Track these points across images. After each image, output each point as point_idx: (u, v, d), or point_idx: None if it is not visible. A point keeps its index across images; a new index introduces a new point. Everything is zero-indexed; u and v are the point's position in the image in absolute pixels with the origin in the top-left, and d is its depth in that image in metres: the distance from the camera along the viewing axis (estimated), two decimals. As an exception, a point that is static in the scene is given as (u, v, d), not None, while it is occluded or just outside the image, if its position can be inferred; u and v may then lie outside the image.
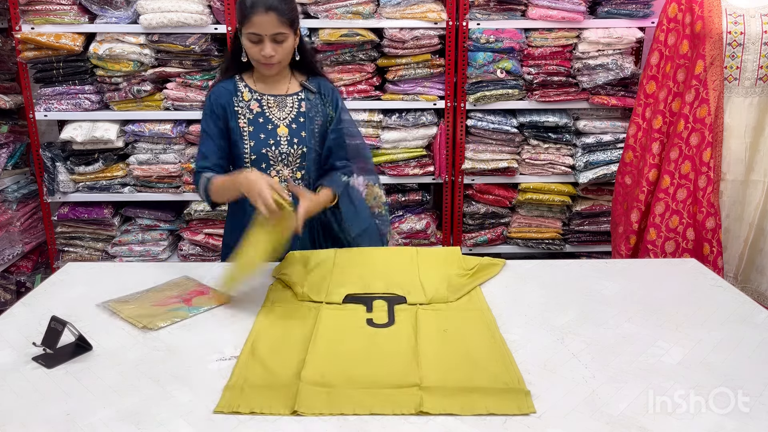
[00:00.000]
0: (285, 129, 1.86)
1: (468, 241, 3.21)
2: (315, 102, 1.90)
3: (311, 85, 1.91)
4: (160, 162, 3.04)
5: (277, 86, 1.89)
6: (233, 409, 1.15)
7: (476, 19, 2.90)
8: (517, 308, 1.55)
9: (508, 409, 1.14)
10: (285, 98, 1.88)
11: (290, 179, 1.85)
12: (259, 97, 1.87)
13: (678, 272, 1.82)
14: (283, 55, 1.78)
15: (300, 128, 1.87)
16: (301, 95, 1.90)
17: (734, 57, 2.25)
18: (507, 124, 3.03)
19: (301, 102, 1.89)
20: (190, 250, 3.16)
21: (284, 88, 1.89)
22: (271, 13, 1.69)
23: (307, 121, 1.88)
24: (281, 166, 1.87)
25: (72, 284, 1.71)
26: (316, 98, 1.90)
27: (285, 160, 1.86)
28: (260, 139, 1.85)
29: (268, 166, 1.86)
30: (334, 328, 1.43)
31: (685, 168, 2.34)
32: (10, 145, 3.07)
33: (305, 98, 1.89)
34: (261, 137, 1.85)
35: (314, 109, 1.90)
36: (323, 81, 1.95)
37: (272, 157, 1.86)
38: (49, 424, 1.11)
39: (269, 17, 1.69)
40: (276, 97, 1.87)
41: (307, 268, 1.73)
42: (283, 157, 1.86)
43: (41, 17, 2.86)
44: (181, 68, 2.94)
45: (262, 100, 1.86)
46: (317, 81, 1.94)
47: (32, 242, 3.21)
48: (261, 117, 1.86)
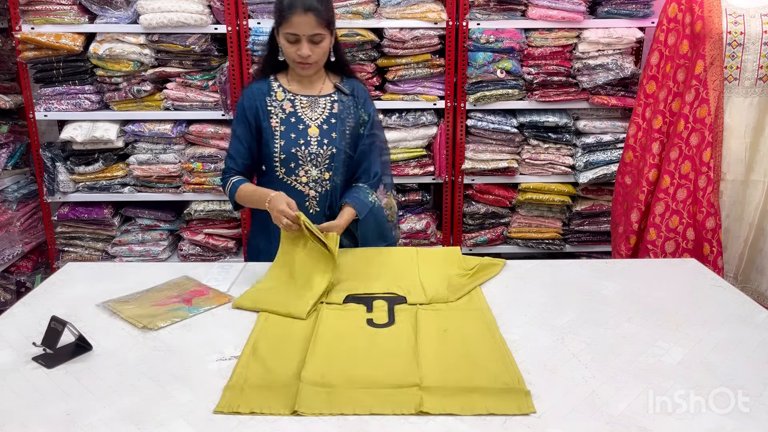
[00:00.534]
0: (316, 129, 1.87)
1: (468, 241, 3.21)
2: (348, 104, 1.91)
3: (345, 87, 1.92)
4: (160, 162, 3.04)
5: (311, 87, 1.91)
6: (233, 409, 1.15)
7: (476, 19, 2.90)
8: (517, 308, 1.55)
9: (508, 409, 1.14)
10: (318, 99, 1.89)
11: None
12: (293, 97, 1.89)
13: (678, 272, 1.82)
14: (319, 56, 1.80)
15: (331, 129, 1.88)
16: (334, 97, 1.91)
17: (734, 57, 2.25)
18: (507, 124, 3.03)
19: (333, 103, 1.90)
20: (190, 250, 3.16)
21: (318, 89, 1.91)
22: (309, 13, 1.71)
23: (338, 123, 1.89)
24: (310, 166, 1.88)
25: (72, 284, 1.71)
26: (349, 100, 1.91)
27: (314, 160, 1.87)
28: (291, 138, 1.87)
29: (297, 165, 1.88)
30: (335, 328, 1.43)
31: (685, 168, 2.34)
32: (10, 145, 3.07)
33: (338, 100, 1.91)
34: (291, 137, 1.87)
35: (346, 111, 1.91)
36: (357, 83, 1.97)
37: (301, 157, 1.87)
38: (49, 424, 1.11)
39: (307, 18, 1.72)
40: (309, 98, 1.89)
41: None
42: (312, 157, 1.87)
43: (41, 17, 2.86)
44: (181, 68, 2.94)
45: (295, 101, 1.88)
46: (351, 83, 1.95)
47: (32, 242, 3.21)
48: (293, 117, 1.87)
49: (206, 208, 3.11)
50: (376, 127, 1.97)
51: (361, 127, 1.93)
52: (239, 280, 1.74)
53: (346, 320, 1.48)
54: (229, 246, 3.17)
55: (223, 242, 3.16)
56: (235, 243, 3.20)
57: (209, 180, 3.04)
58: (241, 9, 2.86)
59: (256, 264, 1.86)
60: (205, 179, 3.04)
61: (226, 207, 3.12)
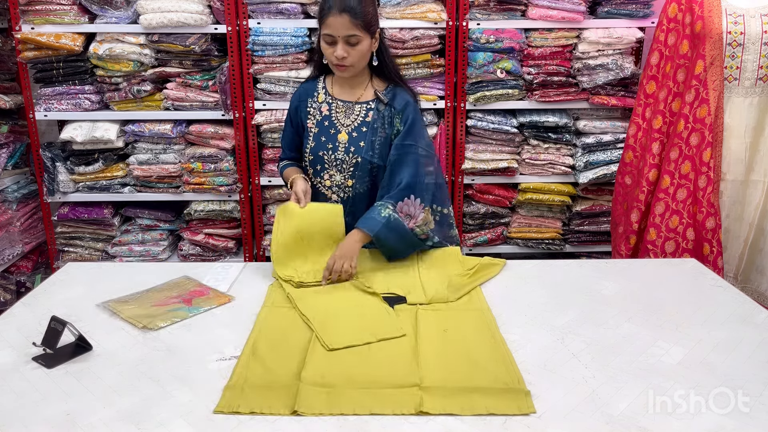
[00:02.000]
0: (345, 136, 1.87)
1: (468, 241, 3.21)
2: (384, 114, 1.86)
3: (386, 96, 1.87)
4: (160, 162, 3.04)
5: (351, 92, 1.90)
6: (233, 409, 1.15)
7: (476, 19, 2.90)
8: (517, 308, 1.56)
9: (508, 409, 1.14)
10: (353, 105, 1.88)
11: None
12: (331, 100, 1.90)
13: (678, 272, 1.82)
14: (356, 58, 1.77)
15: (360, 138, 1.86)
16: (371, 105, 1.88)
17: (734, 57, 2.25)
18: (507, 124, 3.03)
19: (368, 111, 1.87)
20: (190, 250, 3.16)
21: (357, 95, 1.89)
22: (344, 14, 1.71)
23: (369, 132, 1.86)
24: (335, 171, 1.88)
25: (72, 284, 1.71)
26: (386, 110, 1.86)
27: (339, 166, 1.87)
28: (321, 141, 1.89)
29: (323, 168, 1.89)
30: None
31: (685, 168, 2.34)
32: (10, 145, 3.07)
33: (374, 108, 1.87)
34: (322, 140, 1.89)
35: (380, 120, 1.86)
36: (401, 93, 1.89)
37: (327, 161, 1.88)
38: (49, 424, 1.11)
39: (342, 19, 1.71)
40: (345, 103, 1.89)
41: None
42: (337, 162, 1.87)
43: (41, 17, 2.86)
44: (181, 68, 2.94)
45: (332, 104, 1.90)
46: (394, 92, 1.88)
47: (32, 242, 3.21)
48: (327, 120, 1.90)
49: (206, 208, 3.11)
50: (414, 139, 1.85)
51: (395, 137, 1.86)
52: (239, 280, 1.74)
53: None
54: (229, 246, 3.17)
55: (223, 242, 3.16)
56: (235, 243, 3.20)
57: (209, 180, 3.04)
58: (241, 9, 2.86)
59: (257, 264, 1.86)
60: (205, 179, 3.04)
61: (226, 207, 3.12)
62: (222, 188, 3.04)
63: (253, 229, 3.18)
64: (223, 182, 3.04)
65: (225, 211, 3.13)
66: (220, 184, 3.04)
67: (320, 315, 1.48)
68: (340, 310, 1.51)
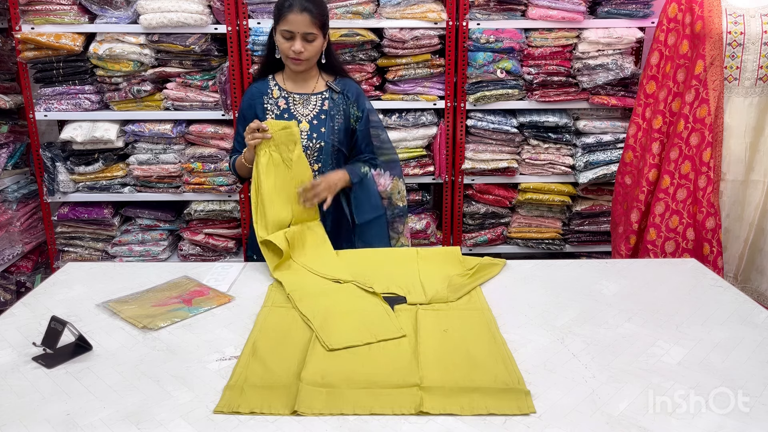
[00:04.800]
0: (306, 125, 2.00)
1: (468, 241, 3.21)
2: (338, 101, 2.03)
3: (337, 86, 2.04)
4: (160, 162, 3.04)
5: (304, 85, 2.04)
6: (233, 409, 1.15)
7: (476, 19, 2.90)
8: (517, 308, 1.55)
9: (508, 409, 1.14)
10: (310, 96, 2.03)
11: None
12: (287, 95, 2.03)
13: (678, 272, 1.82)
14: (311, 54, 1.93)
15: (320, 125, 2.01)
16: (326, 94, 2.04)
17: (734, 57, 2.25)
18: (507, 124, 3.03)
19: (324, 101, 2.03)
20: (190, 250, 3.16)
21: (311, 87, 2.04)
22: (305, 13, 1.87)
23: (328, 119, 2.01)
24: None
25: (72, 284, 1.71)
26: (339, 98, 2.04)
27: (304, 153, 1.95)
28: None
29: None
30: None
31: (685, 168, 2.34)
32: (10, 145, 3.07)
33: (329, 97, 2.03)
34: None
35: (336, 107, 2.03)
36: (349, 82, 2.09)
37: None
38: (49, 424, 1.11)
39: (303, 17, 1.87)
40: (302, 96, 2.02)
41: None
42: (303, 150, 1.94)
43: (41, 17, 2.86)
44: (181, 68, 2.94)
45: (288, 98, 2.02)
46: (344, 82, 2.07)
47: (32, 242, 3.21)
48: (286, 113, 2.01)
49: (206, 208, 3.11)
50: (372, 124, 2.10)
51: (355, 123, 2.05)
52: (239, 280, 1.74)
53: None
54: (229, 246, 3.17)
55: (223, 242, 3.16)
56: (235, 243, 3.20)
57: (209, 180, 3.04)
58: (241, 9, 2.86)
59: (257, 264, 1.86)
60: (205, 179, 3.04)
61: (226, 207, 3.12)
62: (222, 188, 3.05)
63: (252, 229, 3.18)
64: (223, 182, 3.04)
65: (225, 211, 3.13)
66: (220, 184, 3.04)
67: (320, 315, 1.48)
68: (340, 311, 1.51)
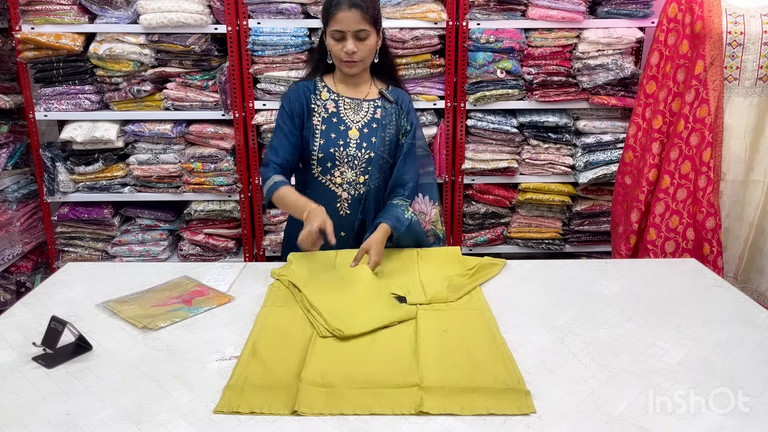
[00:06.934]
0: (356, 132, 1.88)
1: (468, 241, 3.21)
2: (390, 111, 1.92)
3: (390, 95, 1.93)
4: (160, 162, 3.04)
5: (356, 90, 1.92)
6: (233, 409, 1.15)
7: (476, 19, 2.90)
8: (517, 308, 1.55)
9: (508, 409, 1.14)
10: (361, 102, 1.91)
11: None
12: (337, 98, 1.90)
13: (678, 272, 1.82)
14: (365, 54, 1.81)
15: (371, 134, 1.89)
16: (378, 102, 1.92)
17: (734, 57, 2.25)
18: (507, 124, 3.03)
19: (376, 109, 1.91)
20: (190, 250, 3.16)
21: (363, 93, 1.92)
22: (354, 9, 1.74)
23: (379, 128, 1.90)
24: (346, 168, 1.88)
25: (72, 284, 1.71)
26: (392, 108, 1.92)
27: (351, 162, 1.87)
28: (330, 138, 1.87)
29: (333, 165, 1.88)
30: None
31: (685, 168, 2.34)
32: (10, 145, 3.07)
33: (381, 106, 1.92)
34: (332, 137, 1.87)
35: (388, 117, 1.92)
36: (402, 93, 1.97)
37: (339, 158, 1.87)
38: (49, 424, 1.11)
39: (352, 13, 1.74)
40: (353, 100, 1.91)
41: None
42: (349, 159, 1.87)
43: (41, 17, 2.86)
44: (181, 68, 2.94)
45: (339, 101, 1.90)
46: (397, 92, 1.96)
47: (32, 242, 3.21)
48: (335, 117, 1.89)
49: (206, 208, 3.11)
50: (420, 139, 1.98)
51: (402, 136, 1.94)
52: (239, 280, 1.74)
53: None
54: (229, 246, 3.17)
55: (223, 242, 3.16)
56: (235, 243, 3.20)
57: (209, 180, 3.04)
58: (241, 9, 2.86)
59: (257, 264, 1.86)
60: (205, 179, 3.04)
61: (226, 207, 3.12)
62: (222, 188, 3.05)
63: (253, 229, 3.18)
64: (223, 182, 3.04)
65: (225, 211, 3.13)
66: (220, 184, 3.04)
67: (331, 306, 1.49)
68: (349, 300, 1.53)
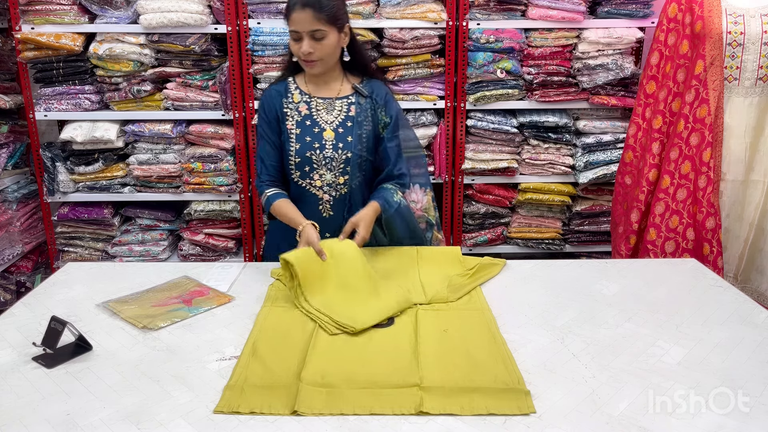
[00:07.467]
0: (331, 133, 1.84)
1: (468, 241, 3.21)
2: (366, 107, 1.87)
3: (364, 89, 1.88)
4: (160, 162, 3.04)
5: (327, 88, 1.88)
6: (233, 409, 1.15)
7: (476, 19, 2.90)
8: (517, 308, 1.55)
9: (508, 409, 1.14)
10: (334, 101, 1.87)
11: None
12: (309, 99, 1.87)
13: (678, 272, 1.82)
14: (323, 53, 1.76)
15: (347, 133, 1.85)
16: (352, 99, 1.88)
17: (734, 57, 2.25)
18: (507, 124, 3.03)
19: (350, 106, 1.87)
20: (190, 250, 3.16)
21: (335, 91, 1.88)
22: (307, 9, 1.70)
23: (354, 126, 1.86)
24: (324, 170, 1.86)
25: (72, 284, 1.71)
26: (367, 102, 1.88)
27: (329, 164, 1.85)
28: (306, 142, 1.85)
29: (312, 169, 1.86)
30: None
31: (685, 168, 2.34)
32: (10, 145, 3.07)
33: (356, 102, 1.87)
34: (307, 140, 1.85)
35: (364, 113, 1.87)
36: (378, 84, 1.92)
37: (316, 161, 1.85)
38: (49, 424, 1.11)
39: (306, 14, 1.71)
40: (325, 100, 1.87)
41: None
42: (327, 161, 1.85)
43: (41, 17, 2.86)
44: (181, 68, 2.94)
45: (311, 103, 1.86)
46: (371, 84, 1.91)
47: (32, 242, 3.21)
48: (308, 120, 1.85)
49: (206, 208, 3.11)
50: (401, 128, 1.93)
51: (382, 129, 1.89)
52: (239, 280, 1.74)
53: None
54: (229, 246, 3.17)
55: (223, 242, 3.16)
56: (235, 243, 3.20)
57: (209, 180, 3.04)
58: (241, 9, 2.86)
59: (257, 264, 1.86)
60: (205, 179, 3.04)
61: (226, 207, 3.12)
62: (222, 188, 3.04)
63: (253, 229, 3.18)
64: (223, 182, 3.04)
65: (225, 211, 3.13)
66: (220, 184, 3.04)
67: (337, 305, 1.50)
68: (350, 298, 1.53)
